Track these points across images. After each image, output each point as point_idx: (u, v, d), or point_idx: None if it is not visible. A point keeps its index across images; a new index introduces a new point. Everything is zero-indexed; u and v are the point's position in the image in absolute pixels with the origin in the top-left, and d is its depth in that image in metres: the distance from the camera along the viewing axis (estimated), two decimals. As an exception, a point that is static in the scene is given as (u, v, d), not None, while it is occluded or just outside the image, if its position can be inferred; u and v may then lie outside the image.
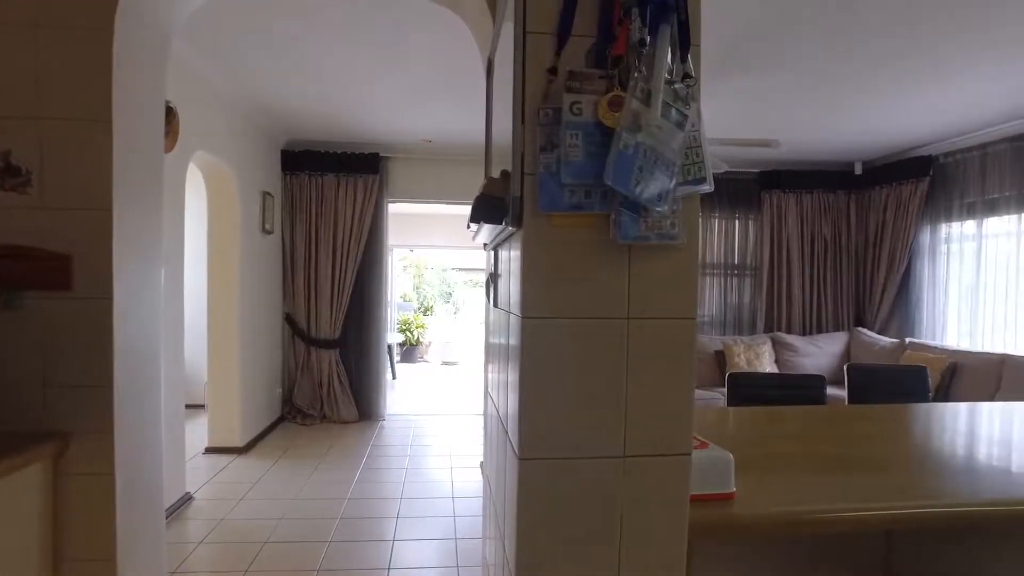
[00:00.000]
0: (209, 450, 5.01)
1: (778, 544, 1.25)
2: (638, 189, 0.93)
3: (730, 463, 1.17)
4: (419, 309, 13.23)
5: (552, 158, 0.97)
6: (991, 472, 1.39)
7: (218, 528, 3.57)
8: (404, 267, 14.19)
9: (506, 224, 1.01)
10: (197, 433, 5.23)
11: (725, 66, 3.87)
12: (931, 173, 5.73)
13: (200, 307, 5.18)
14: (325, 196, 6.17)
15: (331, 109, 5.00)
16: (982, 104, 4.61)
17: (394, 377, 9.51)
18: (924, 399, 2.70)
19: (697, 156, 1.01)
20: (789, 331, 6.56)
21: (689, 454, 1.04)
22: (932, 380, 4.83)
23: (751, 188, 6.69)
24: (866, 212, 6.58)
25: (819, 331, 6.60)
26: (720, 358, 5.81)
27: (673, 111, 0.96)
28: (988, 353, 4.74)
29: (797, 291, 6.61)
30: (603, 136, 0.96)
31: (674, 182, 0.97)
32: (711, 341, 5.99)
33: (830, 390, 5.21)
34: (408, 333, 11.86)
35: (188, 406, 6.43)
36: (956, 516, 1.16)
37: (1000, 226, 5.16)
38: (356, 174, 6.17)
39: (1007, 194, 5.05)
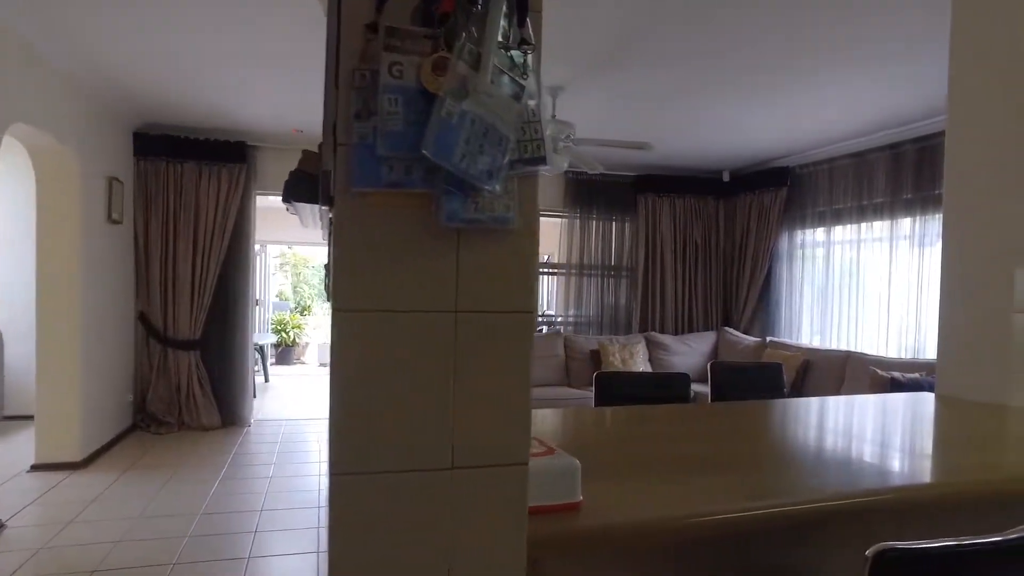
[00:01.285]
0: (37, 467, 4.44)
1: (635, 554, 1.18)
2: (464, 163, 0.82)
3: (576, 470, 1.09)
4: (296, 309, 12.62)
5: (368, 127, 0.84)
6: (837, 464, 1.40)
7: (33, 560, 3.13)
8: (281, 264, 13.49)
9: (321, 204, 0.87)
10: (23, 449, 4.64)
11: (598, 66, 3.90)
12: (788, 183, 6.12)
13: (30, 305, 4.58)
14: (185, 185, 5.68)
15: (188, 90, 4.57)
16: (829, 122, 4.95)
17: (266, 380, 8.97)
18: (780, 395, 2.80)
19: (536, 132, 0.91)
20: (662, 331, 6.78)
21: (526, 463, 0.95)
22: (788, 376, 5.13)
23: (627, 191, 6.86)
24: (733, 218, 6.93)
25: (690, 331, 6.88)
26: (596, 358, 5.90)
27: (506, 79, 0.86)
28: (835, 350, 5.09)
29: (670, 292, 6.85)
30: (427, 103, 0.84)
31: (507, 159, 0.87)
32: (587, 341, 6.07)
33: (698, 387, 5.39)
34: (284, 334, 11.27)
35: (12, 417, 5.72)
36: (808, 512, 1.14)
37: (845, 234, 5.58)
38: (220, 163, 5.72)
39: (849, 205, 5.47)
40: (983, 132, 2.31)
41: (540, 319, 7.10)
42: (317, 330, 12.03)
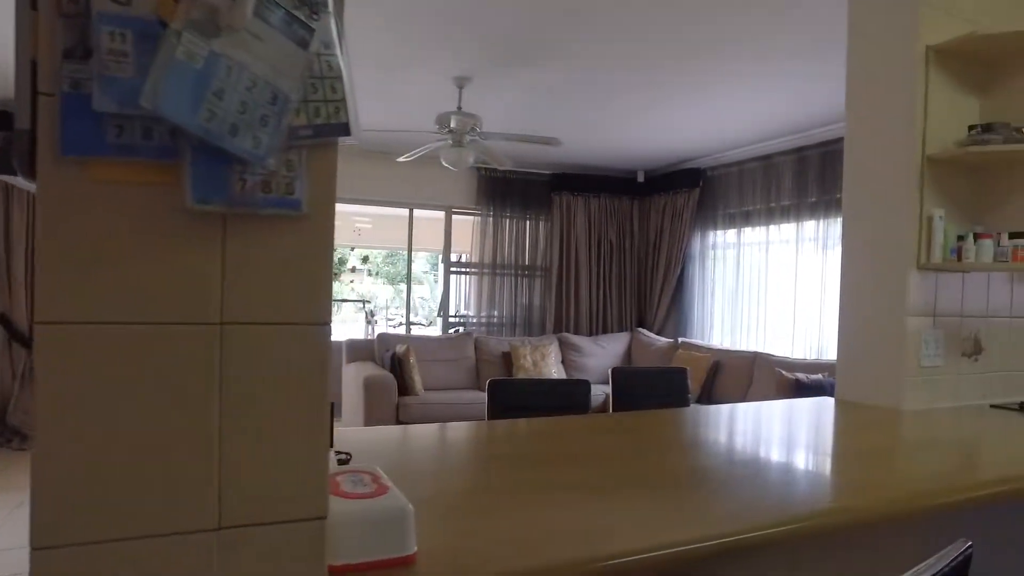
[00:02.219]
0: None
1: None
2: (213, 125, 0.61)
3: (407, 515, 0.89)
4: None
5: (84, 71, 0.61)
6: (728, 494, 1.26)
7: None
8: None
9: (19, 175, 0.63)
10: None
11: (507, 58, 3.72)
12: (701, 184, 6.15)
13: None
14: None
15: None
16: (739, 125, 4.98)
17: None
18: (684, 401, 2.70)
19: (334, 91, 0.70)
20: (577, 332, 6.69)
21: (324, 517, 0.74)
22: (697, 378, 5.12)
23: (542, 189, 6.74)
24: (648, 218, 6.93)
25: (605, 331, 6.83)
26: (507, 360, 5.74)
27: (281, 14, 0.65)
28: (744, 351, 5.12)
29: (585, 292, 6.78)
30: (169, 42, 0.62)
31: (286, 122, 0.66)
32: (499, 343, 5.91)
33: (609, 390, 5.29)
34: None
35: None
36: (692, 553, 0.97)
37: (754, 236, 5.64)
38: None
39: (759, 207, 5.53)
40: (878, 138, 2.27)
41: (455, 320, 6.89)
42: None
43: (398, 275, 14.05)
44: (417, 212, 6.66)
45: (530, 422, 1.86)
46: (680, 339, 5.91)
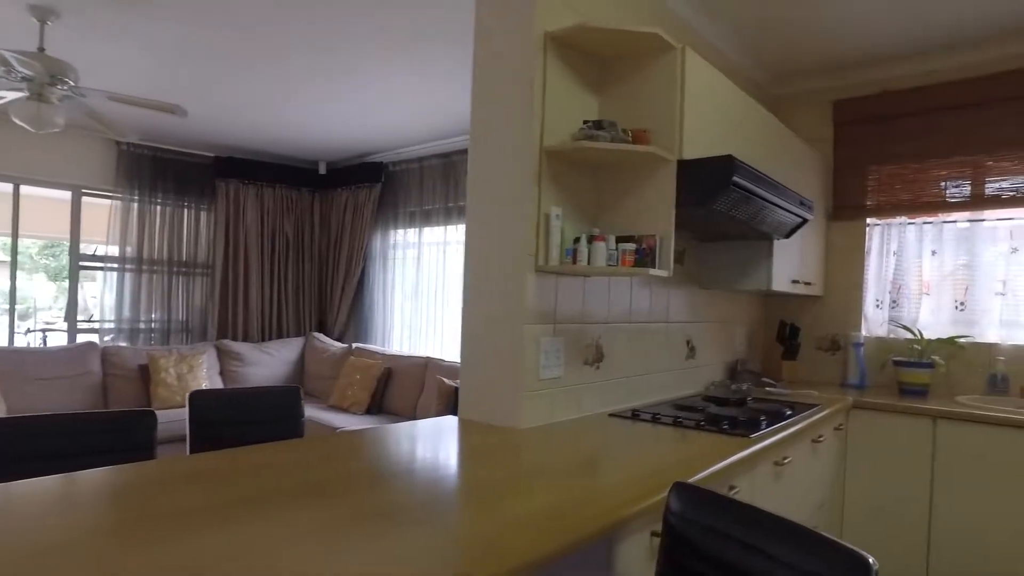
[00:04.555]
0: None
1: None
2: None
3: None
4: None
5: None
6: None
7: None
8: None
9: None
10: None
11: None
12: (383, 180, 5.81)
13: None
14: None
15: None
16: (418, 120, 4.72)
17: None
18: (296, 428, 2.23)
19: None
20: (247, 338, 5.88)
21: None
22: (367, 387, 4.73)
23: (203, 173, 5.79)
24: (329, 213, 6.40)
25: (281, 336, 6.12)
26: (145, 374, 4.73)
27: None
28: (416, 356, 4.88)
29: (256, 293, 5.99)
30: None
31: None
32: (135, 354, 4.85)
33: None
34: None
35: None
36: None
37: (433, 236, 5.47)
38: None
39: (438, 206, 5.37)
40: (500, 129, 2.05)
41: (87, 326, 5.56)
42: None
43: (63, 270, 11.41)
44: (30, 190, 5.21)
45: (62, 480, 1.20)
46: (354, 345, 5.48)
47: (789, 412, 2.46)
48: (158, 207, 5.57)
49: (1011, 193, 3.13)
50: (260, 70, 3.79)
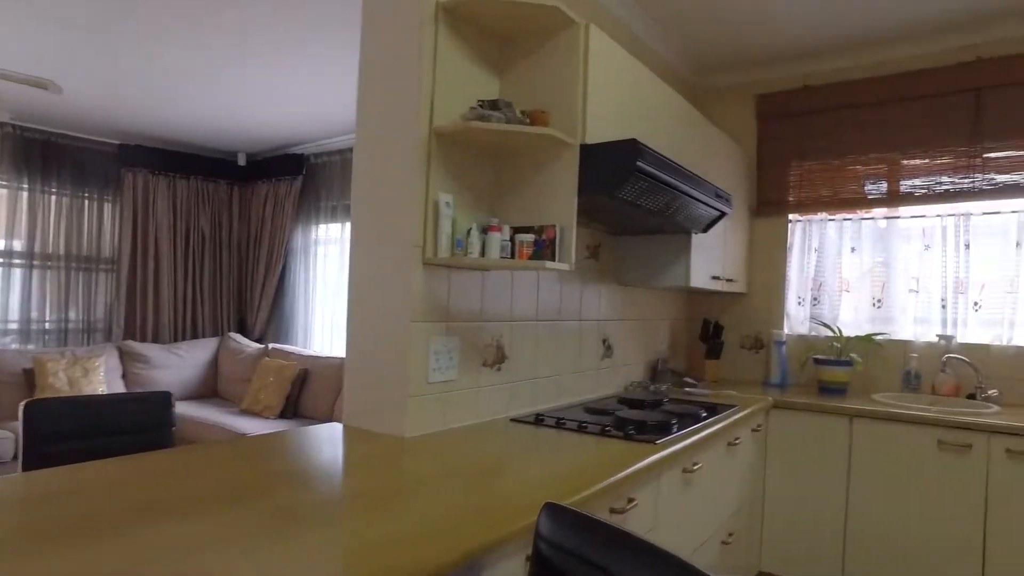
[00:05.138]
0: None
1: None
2: None
3: None
4: None
5: None
6: None
7: None
8: None
9: None
10: None
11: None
12: (304, 172, 5.53)
13: None
14: None
15: None
16: (337, 110, 4.47)
17: None
18: (165, 438, 1.99)
19: None
20: (157, 338, 5.51)
21: None
22: (282, 390, 4.46)
23: (108, 162, 5.39)
24: (249, 206, 6.07)
25: (196, 337, 5.76)
26: (30, 379, 4.33)
27: None
28: (334, 357, 4.63)
29: (168, 291, 5.62)
30: None
31: None
32: (19, 356, 4.45)
33: (186, 407, 4.36)
34: None
35: None
36: None
37: (356, 230, 5.21)
38: None
39: (361, 199, 5.12)
40: (388, 108, 1.87)
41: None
42: None
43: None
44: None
45: None
46: (270, 345, 5.18)
47: (704, 414, 2.35)
48: (53, 197, 5.15)
49: (923, 191, 3.12)
50: (163, 53, 3.48)
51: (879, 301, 3.27)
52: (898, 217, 3.23)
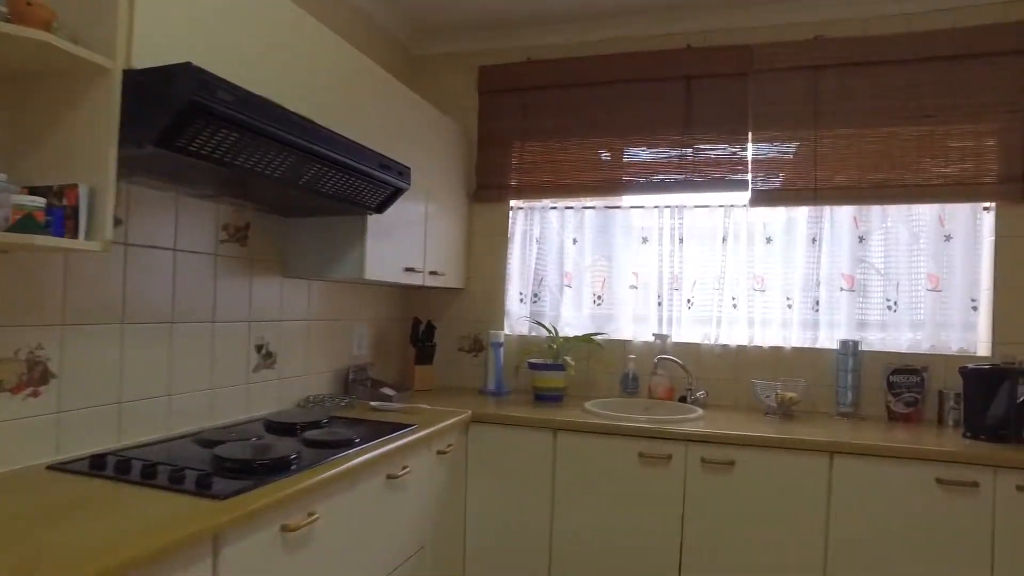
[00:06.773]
0: None
1: None
2: None
3: None
4: None
5: None
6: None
7: None
8: None
9: None
10: None
11: None
12: None
13: None
14: None
15: None
16: None
17: None
18: None
19: None
20: None
21: None
22: None
23: None
24: None
25: None
26: None
27: None
28: None
29: None
30: None
31: None
32: None
33: None
34: None
35: None
36: None
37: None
38: None
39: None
40: None
41: None
42: None
43: None
44: None
45: None
46: None
47: (357, 440, 1.85)
48: None
49: (640, 180, 2.92)
50: None
51: (600, 298, 3.04)
52: (619, 208, 3.01)
